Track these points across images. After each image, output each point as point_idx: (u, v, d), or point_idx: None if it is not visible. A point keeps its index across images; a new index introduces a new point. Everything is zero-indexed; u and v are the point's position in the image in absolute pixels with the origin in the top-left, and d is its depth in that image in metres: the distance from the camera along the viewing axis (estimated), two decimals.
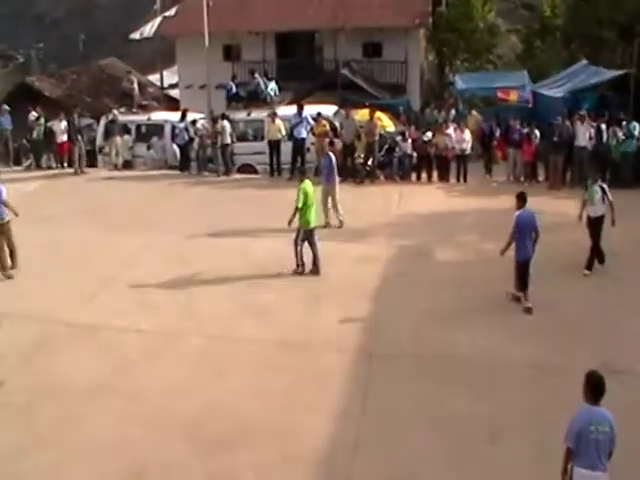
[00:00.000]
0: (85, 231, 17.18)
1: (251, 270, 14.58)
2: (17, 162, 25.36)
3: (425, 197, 16.04)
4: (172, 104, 33.72)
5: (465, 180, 21.81)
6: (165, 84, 38.27)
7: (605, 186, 14.49)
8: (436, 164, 22.01)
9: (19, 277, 14.38)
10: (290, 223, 14.27)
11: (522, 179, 21.51)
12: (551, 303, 12.82)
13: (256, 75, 26.67)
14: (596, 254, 14.35)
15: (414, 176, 22.00)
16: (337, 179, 17.60)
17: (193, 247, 15.88)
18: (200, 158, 23.20)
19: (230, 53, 35.65)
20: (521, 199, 12.92)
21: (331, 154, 17.61)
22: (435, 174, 21.92)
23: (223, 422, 9.55)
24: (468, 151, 22.13)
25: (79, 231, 17.19)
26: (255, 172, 23.17)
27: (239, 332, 12.10)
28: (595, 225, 14.28)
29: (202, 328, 12.26)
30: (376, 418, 9.62)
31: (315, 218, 14.59)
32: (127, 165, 24.28)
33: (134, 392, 10.29)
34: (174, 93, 37.29)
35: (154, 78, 38.93)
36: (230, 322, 12.45)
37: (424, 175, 21.90)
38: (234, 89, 26.69)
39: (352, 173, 21.42)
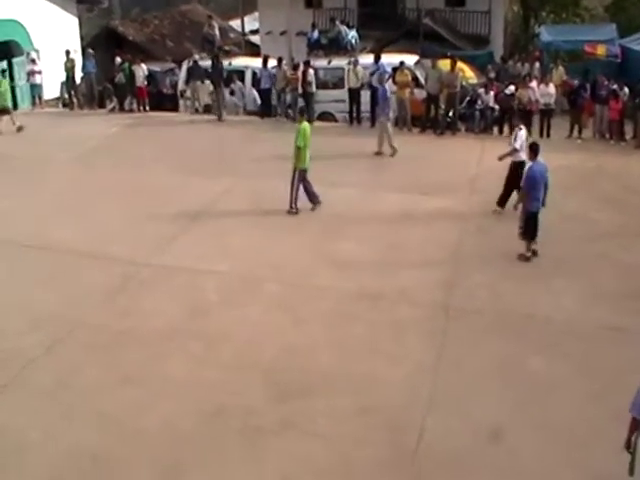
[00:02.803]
0: (166, 174, 17.46)
1: (330, 219, 14.62)
2: (101, 105, 25.77)
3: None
4: (253, 50, 33.71)
5: (549, 135, 21.29)
6: (246, 30, 38.19)
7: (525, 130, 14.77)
8: (519, 118, 21.50)
9: (99, 219, 14.71)
10: (295, 164, 14.71)
11: (608, 137, 20.92)
12: (633, 264, 12.56)
13: (337, 23, 26.37)
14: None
15: (496, 130, 21.59)
16: (391, 113, 19.04)
17: (271, 193, 15.96)
18: (281, 105, 23.19)
19: (312, 0, 35.31)
20: (533, 150, 12.64)
21: (386, 86, 18.88)
22: None
23: (299, 369, 9.67)
24: (552, 106, 21.59)
25: (160, 174, 17.47)
26: (335, 120, 23.07)
27: (315, 280, 12.18)
28: (513, 168, 14.45)
29: (279, 274, 12.38)
30: (451, 372, 9.61)
31: (309, 159, 14.84)
32: (208, 109, 24.43)
33: (212, 335, 10.50)
34: (255, 39, 37.22)
35: (235, 24, 38.86)
36: (307, 270, 12.54)
37: (506, 129, 21.46)
38: (315, 36, 26.49)
39: (434, 124, 21.18)
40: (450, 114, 21.19)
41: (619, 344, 10.19)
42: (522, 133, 14.95)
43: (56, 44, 26.10)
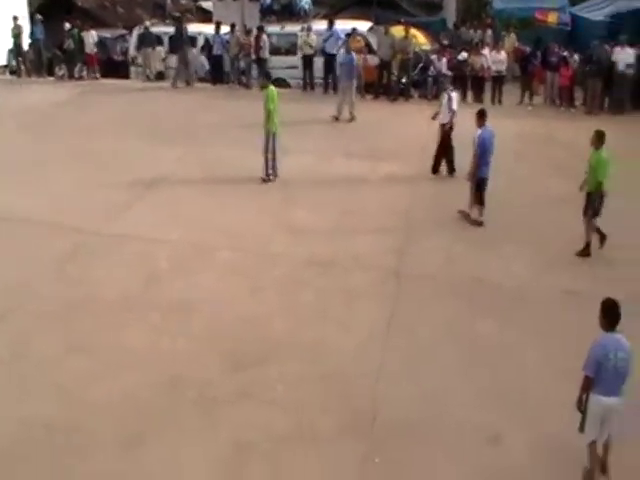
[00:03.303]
0: (118, 142, 17.28)
1: (285, 185, 14.65)
2: (50, 72, 25.29)
3: (459, 117, 15.91)
4: (205, 16, 33.23)
5: (500, 102, 21.47)
6: None
7: (453, 94, 15.07)
8: (471, 84, 21.67)
9: (50, 188, 14.51)
10: (267, 128, 14.71)
11: (558, 103, 21.16)
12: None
13: None
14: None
15: None
16: (354, 81, 19.25)
17: (228, 160, 15.88)
18: (234, 71, 23.01)
19: None
20: (482, 116, 12.71)
21: (353, 55, 19.28)
22: (470, 95, 21.58)
23: (254, 337, 9.70)
24: (504, 72, 21.77)
25: (112, 142, 17.28)
26: (288, 86, 22.95)
27: (270, 248, 12.20)
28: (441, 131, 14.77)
29: (234, 242, 12.37)
30: (402, 338, 9.73)
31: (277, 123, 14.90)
32: (160, 76, 24.13)
33: (166, 304, 10.47)
34: (207, 5, 36.61)
35: None
36: (261, 237, 12.55)
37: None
38: (268, 2, 26.24)
39: (387, 90, 21.21)
40: (403, 80, 21.26)
41: (570, 308, 10.38)
42: (455, 95, 15.12)
43: (2, 10, 25.43)
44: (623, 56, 20.34)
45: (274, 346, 9.52)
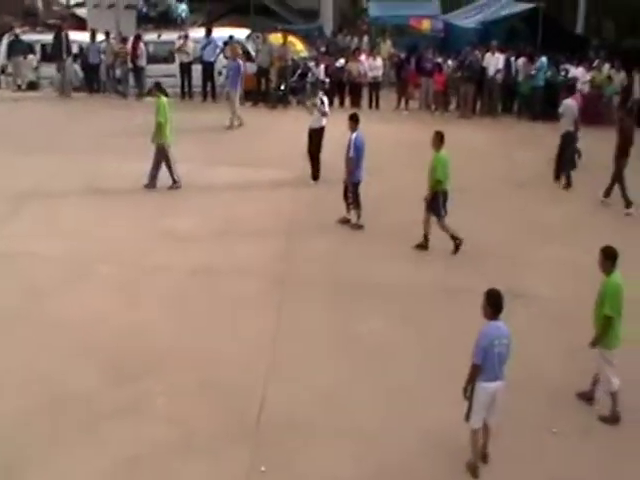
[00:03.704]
0: None
1: (167, 194, 14.51)
2: None
3: (337, 124, 16.16)
4: (79, 24, 32.42)
5: (377, 107, 21.91)
6: (71, 2, 36.64)
7: (323, 97, 15.42)
8: (349, 90, 22.03)
9: None
10: (153, 140, 14.56)
11: (433, 108, 21.76)
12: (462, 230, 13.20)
13: None
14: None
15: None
16: (239, 88, 19.40)
17: (103, 171, 15.56)
18: (110, 80, 22.56)
19: None
20: (354, 120, 12.88)
21: (240, 61, 19.46)
22: (347, 100, 21.92)
23: (136, 351, 9.49)
24: (380, 78, 22.25)
25: None
26: (166, 95, 22.61)
27: (152, 259, 12.02)
28: (312, 136, 15.02)
29: (115, 255, 12.11)
30: (288, 342, 9.77)
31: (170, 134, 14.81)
32: (32, 86, 23.40)
33: (45, 321, 10.11)
34: (81, 12, 35.76)
35: None
36: (143, 248, 12.34)
37: (336, 101, 21.88)
38: (144, 9, 25.87)
39: (266, 98, 21.29)
40: (282, 87, 21.38)
41: (453, 305, 10.70)
42: (325, 98, 15.41)
43: None
44: (493, 61, 21.15)
45: (157, 358, 9.35)
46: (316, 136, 15.15)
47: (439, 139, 12.12)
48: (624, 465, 7.80)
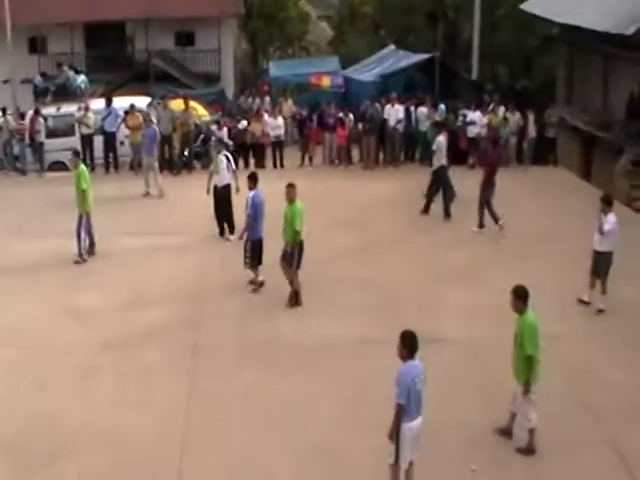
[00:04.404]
0: None
1: (70, 269, 14.18)
2: None
3: (243, 185, 16.30)
4: None
5: (282, 165, 22.06)
6: None
7: (229, 155, 15.77)
8: (252, 152, 22.12)
9: None
10: (80, 208, 14.46)
11: (337, 162, 22.04)
12: (371, 280, 13.30)
13: (65, 68, 25.72)
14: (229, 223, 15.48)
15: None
16: (156, 154, 19.12)
17: (5, 249, 15.15)
18: (9, 158, 22.10)
19: (35, 45, 34.09)
20: (253, 180, 12.98)
21: (155, 127, 19.16)
22: (252, 161, 22.01)
23: (46, 435, 9.12)
24: (283, 137, 22.45)
25: None
26: (67, 170, 22.28)
27: (57, 337, 11.67)
28: (222, 194, 15.33)
29: (17, 337, 11.69)
30: (202, 409, 9.60)
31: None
32: None
33: None
34: None
35: None
36: (48, 327, 11.97)
37: (241, 163, 21.90)
38: (41, 82, 25.62)
39: (169, 164, 21.17)
40: (186, 153, 21.31)
41: (367, 356, 10.71)
42: (230, 156, 15.69)
43: None
44: (393, 112, 21.59)
45: (69, 440, 9.01)
46: (224, 193, 15.33)
47: (293, 192, 12.24)
48: None
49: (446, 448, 8.57)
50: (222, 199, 15.40)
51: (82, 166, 14.79)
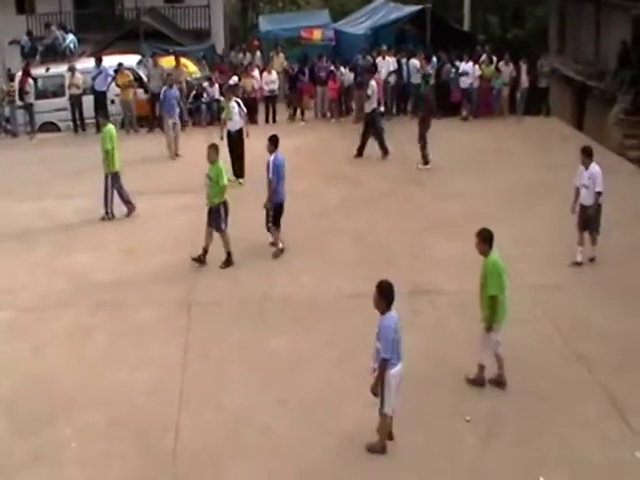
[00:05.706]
0: None
1: (61, 233, 14.13)
2: None
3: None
4: None
5: (275, 121, 21.94)
6: None
7: (240, 101, 16.32)
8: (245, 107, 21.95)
9: None
10: (105, 169, 14.43)
11: (329, 115, 21.92)
12: (362, 233, 13.33)
13: (53, 28, 25.37)
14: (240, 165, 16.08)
15: None
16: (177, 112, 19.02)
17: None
18: None
19: (23, 5, 33.62)
20: (273, 142, 12.48)
21: (176, 87, 19.37)
22: None
23: (43, 396, 9.17)
24: (276, 92, 22.30)
25: None
26: (58, 130, 22.22)
27: (51, 299, 11.67)
28: (235, 137, 15.95)
29: (12, 299, 11.68)
30: (198, 367, 9.65)
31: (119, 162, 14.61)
32: None
33: None
34: None
35: None
36: (41, 289, 11.97)
37: None
38: (29, 43, 25.32)
39: (161, 123, 21.01)
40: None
41: (358, 310, 10.59)
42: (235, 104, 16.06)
43: None
44: (385, 65, 21.45)
45: (65, 402, 9.04)
46: (237, 137, 15.97)
47: (214, 153, 12.18)
48: None
49: (438, 398, 8.68)
50: (236, 142, 15.97)
51: (109, 126, 14.68)
